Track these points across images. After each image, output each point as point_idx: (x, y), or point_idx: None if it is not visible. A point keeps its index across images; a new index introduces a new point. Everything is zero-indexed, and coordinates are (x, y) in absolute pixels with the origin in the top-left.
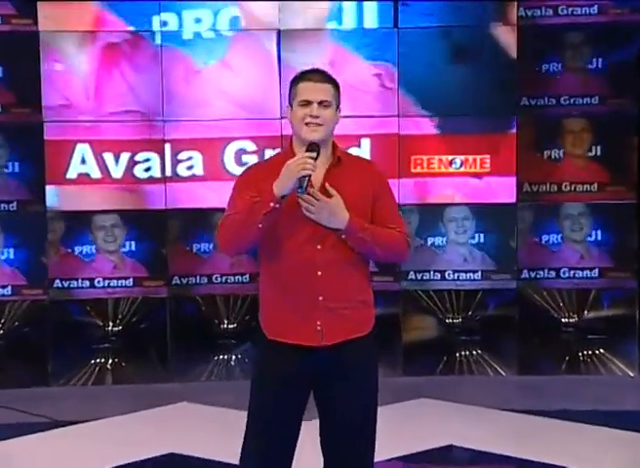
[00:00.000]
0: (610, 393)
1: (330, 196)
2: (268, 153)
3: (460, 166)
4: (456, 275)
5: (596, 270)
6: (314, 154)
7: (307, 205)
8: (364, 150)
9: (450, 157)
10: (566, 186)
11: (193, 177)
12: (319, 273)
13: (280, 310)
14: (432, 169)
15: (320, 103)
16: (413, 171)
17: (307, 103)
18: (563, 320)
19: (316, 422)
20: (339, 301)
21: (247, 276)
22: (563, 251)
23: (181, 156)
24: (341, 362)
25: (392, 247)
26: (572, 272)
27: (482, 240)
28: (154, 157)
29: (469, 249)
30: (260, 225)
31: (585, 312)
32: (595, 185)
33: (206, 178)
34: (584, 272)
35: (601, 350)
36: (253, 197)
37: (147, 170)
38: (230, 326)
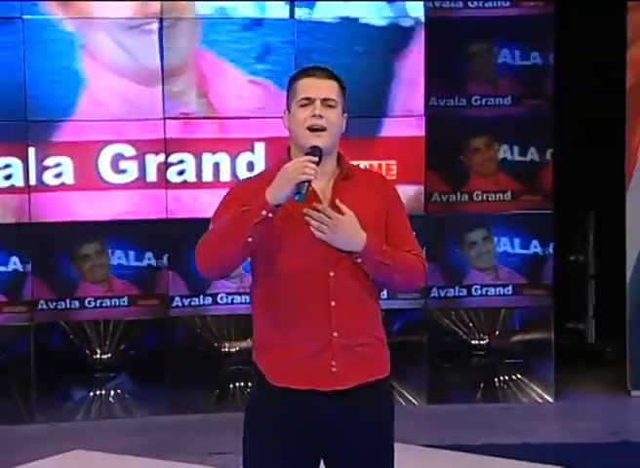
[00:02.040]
0: (528, 422)
1: (342, 213)
2: (150, 158)
3: None
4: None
5: (510, 287)
6: (316, 158)
7: (318, 224)
8: (258, 155)
9: (353, 163)
10: (477, 195)
11: (62, 186)
12: (333, 304)
13: (286, 349)
14: None
15: (324, 101)
16: None
17: (309, 102)
18: (473, 342)
19: None
20: (354, 337)
21: (125, 299)
22: (472, 268)
23: (48, 162)
24: (356, 411)
25: (411, 273)
26: (484, 290)
27: None
28: (16, 163)
29: None
30: (250, 239)
31: (497, 333)
32: (509, 194)
33: (77, 187)
34: (497, 289)
35: (518, 375)
36: (241, 206)
37: (8, 177)
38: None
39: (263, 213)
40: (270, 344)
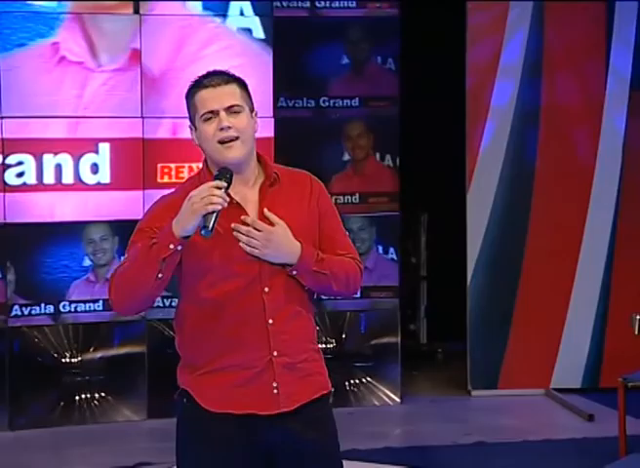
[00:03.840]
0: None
1: (272, 224)
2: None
3: None
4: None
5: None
6: (224, 184)
7: (248, 239)
8: (102, 156)
9: (201, 165)
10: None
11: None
12: (270, 321)
13: (222, 373)
14: (182, 178)
15: (228, 110)
16: (159, 181)
17: (213, 115)
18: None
19: None
20: (295, 354)
21: None
22: None
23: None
24: (303, 430)
25: (349, 278)
26: None
27: None
28: None
29: None
30: (160, 275)
31: (344, 336)
32: (357, 196)
33: (41, 188)
34: None
35: (367, 378)
36: (151, 238)
37: None
38: None
39: (171, 246)
40: (202, 369)
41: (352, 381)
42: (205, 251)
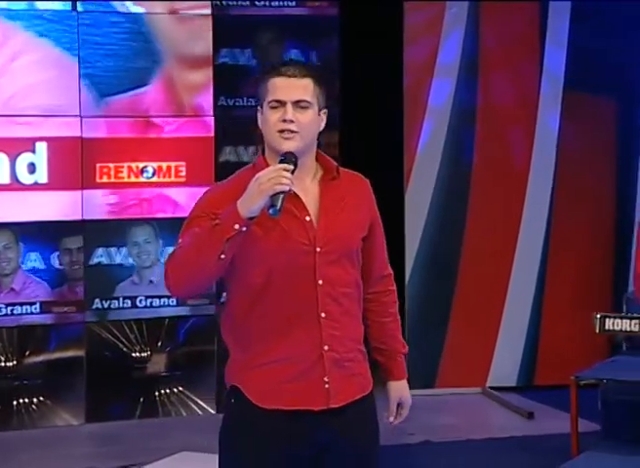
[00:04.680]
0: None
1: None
2: None
3: (153, 175)
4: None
5: None
6: (291, 167)
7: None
8: (39, 155)
9: (141, 164)
10: None
11: None
12: (322, 315)
13: (273, 368)
14: (121, 178)
15: (296, 104)
16: (98, 181)
17: (280, 104)
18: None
19: None
20: (343, 352)
21: None
22: None
23: None
24: (348, 430)
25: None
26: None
27: None
28: None
29: None
30: (223, 255)
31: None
32: None
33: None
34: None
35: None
36: (212, 219)
37: None
38: None
39: (236, 227)
40: (252, 364)
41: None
42: (261, 240)
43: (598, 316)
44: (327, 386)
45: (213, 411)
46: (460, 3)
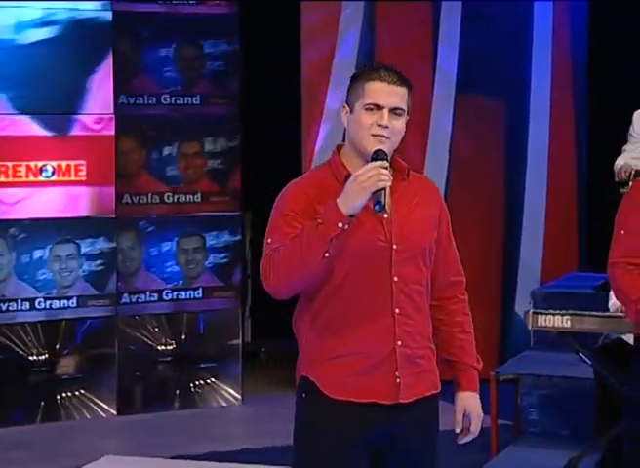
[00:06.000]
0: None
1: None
2: None
3: (52, 174)
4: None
5: (200, 290)
6: (387, 163)
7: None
8: None
9: (40, 163)
10: (169, 197)
11: None
12: (397, 311)
13: (346, 360)
14: (19, 177)
15: (393, 111)
16: None
17: (377, 108)
18: (160, 348)
19: None
20: (415, 348)
21: None
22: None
23: None
24: (415, 426)
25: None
26: (174, 294)
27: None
28: None
29: None
30: (327, 254)
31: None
32: (199, 196)
33: None
34: (188, 293)
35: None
36: (315, 219)
37: None
38: None
39: (340, 225)
40: (325, 356)
41: (196, 382)
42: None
43: (530, 312)
44: (398, 381)
45: (114, 413)
46: (356, 3)
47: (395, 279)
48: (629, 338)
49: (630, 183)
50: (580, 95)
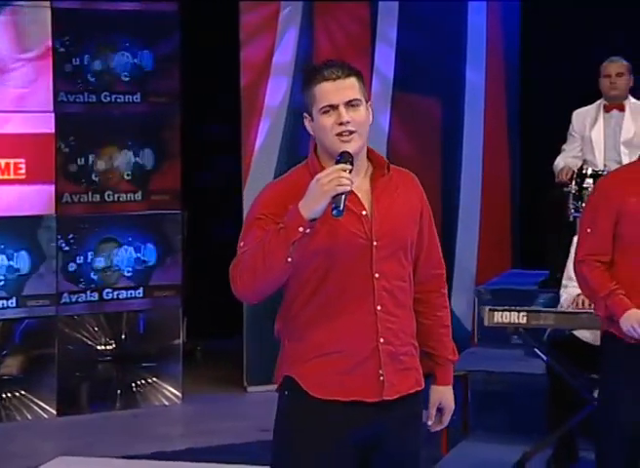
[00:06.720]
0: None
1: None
2: None
3: None
4: None
5: (141, 290)
6: (349, 166)
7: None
8: None
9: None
10: (109, 196)
11: None
12: (379, 308)
13: (328, 359)
14: None
15: (348, 104)
16: None
17: (332, 109)
18: (99, 348)
19: None
20: (399, 345)
21: None
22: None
23: None
24: (400, 423)
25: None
26: (115, 293)
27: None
28: None
29: None
30: (290, 259)
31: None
32: (140, 194)
33: None
34: (129, 292)
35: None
36: (276, 223)
37: None
38: None
39: (300, 229)
40: (308, 355)
41: (137, 382)
42: (318, 234)
43: (487, 309)
44: (382, 378)
45: (55, 413)
46: (295, 2)
47: (376, 275)
48: (581, 334)
49: (571, 184)
50: (513, 94)
